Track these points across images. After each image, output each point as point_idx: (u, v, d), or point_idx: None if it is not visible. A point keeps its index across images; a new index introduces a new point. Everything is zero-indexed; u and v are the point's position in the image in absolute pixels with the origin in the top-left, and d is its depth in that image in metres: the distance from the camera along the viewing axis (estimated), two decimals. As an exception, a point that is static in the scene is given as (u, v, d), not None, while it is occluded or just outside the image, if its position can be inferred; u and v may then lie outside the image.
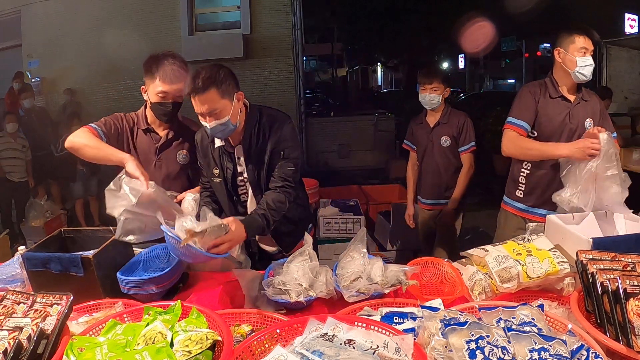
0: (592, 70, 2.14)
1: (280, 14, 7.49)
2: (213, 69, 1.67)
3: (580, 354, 1.03)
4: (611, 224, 1.83)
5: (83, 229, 1.89)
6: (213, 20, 7.67)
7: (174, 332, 1.12)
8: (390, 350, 0.99)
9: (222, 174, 1.88)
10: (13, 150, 5.28)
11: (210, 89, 1.64)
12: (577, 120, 2.16)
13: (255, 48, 7.39)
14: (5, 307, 1.20)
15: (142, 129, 2.03)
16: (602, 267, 1.27)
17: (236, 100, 1.72)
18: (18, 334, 1.05)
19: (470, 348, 1.01)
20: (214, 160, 1.88)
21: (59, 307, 1.18)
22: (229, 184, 1.89)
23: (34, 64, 7.64)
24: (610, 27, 8.90)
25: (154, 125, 2.03)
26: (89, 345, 1.12)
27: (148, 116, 2.04)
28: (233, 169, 1.87)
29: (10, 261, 1.78)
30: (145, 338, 1.11)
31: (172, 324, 1.18)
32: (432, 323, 1.10)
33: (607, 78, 7.95)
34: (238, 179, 1.89)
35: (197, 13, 7.56)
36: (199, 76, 1.64)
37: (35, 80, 7.58)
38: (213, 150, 1.88)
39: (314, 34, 21.06)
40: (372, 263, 1.61)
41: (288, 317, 1.38)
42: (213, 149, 1.88)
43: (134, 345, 1.10)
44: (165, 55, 1.94)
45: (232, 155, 1.86)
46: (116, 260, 1.65)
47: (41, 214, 5.26)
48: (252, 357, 1.09)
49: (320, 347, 0.97)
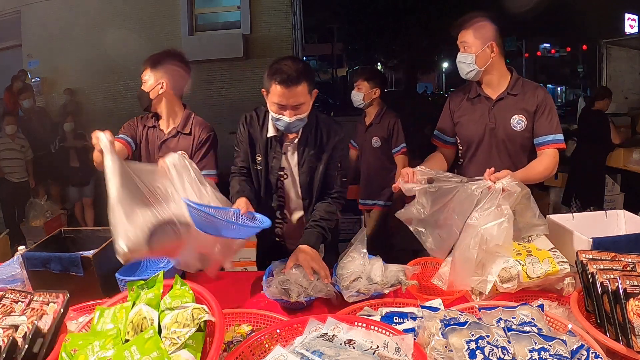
0: (462, 68, 1.94)
1: (280, 14, 7.48)
2: (303, 62, 1.68)
3: (580, 354, 1.03)
4: (611, 224, 1.83)
5: (83, 229, 1.89)
6: (213, 20, 7.65)
7: (160, 312, 1.08)
8: (390, 350, 0.99)
9: (264, 162, 1.84)
10: (11, 151, 5.28)
11: (303, 82, 1.62)
12: (499, 119, 1.94)
13: (255, 48, 7.38)
14: (4, 306, 1.20)
15: (149, 126, 2.11)
16: (602, 267, 1.27)
17: (312, 99, 1.72)
18: (12, 331, 1.05)
19: (470, 348, 1.01)
20: (260, 147, 1.84)
21: (55, 305, 1.18)
22: (270, 175, 1.85)
23: (34, 64, 7.63)
24: (610, 27, 8.90)
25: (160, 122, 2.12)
26: (81, 343, 1.09)
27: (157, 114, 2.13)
28: (277, 161, 1.83)
29: (10, 261, 1.78)
30: (133, 324, 1.07)
31: (157, 301, 1.13)
32: (432, 323, 1.10)
33: (607, 78, 7.94)
34: (279, 173, 1.86)
35: (197, 13, 7.55)
36: (289, 66, 1.61)
37: (35, 80, 7.58)
38: (262, 136, 1.83)
39: (314, 34, 21.06)
40: (372, 263, 1.61)
41: (288, 317, 1.37)
42: (262, 135, 1.83)
43: (124, 335, 1.08)
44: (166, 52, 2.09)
45: (280, 147, 1.83)
46: (116, 260, 1.64)
47: (41, 214, 5.26)
48: (252, 357, 1.09)
49: (320, 347, 0.97)
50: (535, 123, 1.91)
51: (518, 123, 1.91)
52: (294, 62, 1.64)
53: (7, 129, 5.21)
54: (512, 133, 1.92)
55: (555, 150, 1.89)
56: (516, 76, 1.97)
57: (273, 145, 1.82)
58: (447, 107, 2.10)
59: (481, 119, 1.97)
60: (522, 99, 1.92)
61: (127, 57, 6.30)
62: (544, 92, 1.96)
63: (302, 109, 1.67)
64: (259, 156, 1.84)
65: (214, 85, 7.54)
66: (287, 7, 7.50)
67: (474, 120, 1.99)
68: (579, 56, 18.56)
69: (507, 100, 1.94)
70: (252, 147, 1.86)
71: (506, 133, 1.93)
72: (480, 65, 1.90)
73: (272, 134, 1.81)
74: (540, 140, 1.91)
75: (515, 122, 1.91)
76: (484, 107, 1.97)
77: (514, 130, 1.92)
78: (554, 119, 1.91)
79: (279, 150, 1.83)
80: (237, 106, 7.45)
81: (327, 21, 19.42)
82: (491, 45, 1.89)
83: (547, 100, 1.92)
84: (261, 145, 1.83)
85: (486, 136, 1.97)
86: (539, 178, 1.87)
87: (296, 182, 1.86)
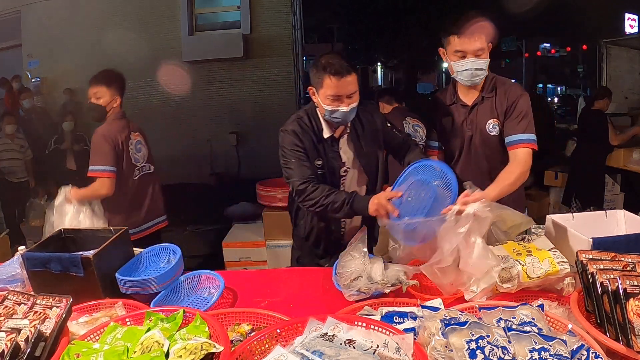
0: (475, 74, 1.82)
1: (280, 14, 7.47)
2: (343, 57, 1.76)
3: (580, 354, 1.03)
4: (611, 224, 1.83)
5: (83, 229, 1.89)
6: (213, 20, 7.65)
7: (172, 341, 1.11)
8: (391, 350, 0.99)
9: (326, 164, 1.87)
10: (11, 151, 5.28)
11: (353, 73, 1.74)
12: (475, 125, 1.91)
13: (255, 48, 7.38)
14: (7, 307, 1.20)
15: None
16: (602, 267, 1.27)
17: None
18: (16, 335, 1.05)
19: (471, 348, 1.01)
20: (317, 151, 1.85)
21: (58, 309, 1.18)
22: (334, 174, 1.88)
23: (34, 64, 7.62)
24: (610, 27, 8.89)
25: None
26: (86, 351, 1.11)
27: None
28: (338, 159, 1.88)
29: (10, 261, 1.78)
30: (143, 346, 1.10)
31: (172, 332, 1.17)
32: (433, 323, 1.10)
33: (607, 78, 7.94)
34: (342, 169, 1.90)
35: (197, 13, 7.55)
36: (338, 60, 1.72)
37: (35, 80, 7.57)
38: (316, 141, 1.85)
39: (314, 34, 21.06)
40: (372, 262, 1.61)
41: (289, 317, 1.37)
42: (316, 140, 1.85)
43: (132, 353, 1.10)
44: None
45: (336, 145, 1.89)
46: (116, 260, 1.65)
47: (41, 214, 5.24)
48: (252, 357, 1.09)
49: (320, 347, 0.97)
50: (504, 123, 1.88)
51: (493, 128, 1.90)
52: (338, 56, 1.76)
53: (6, 129, 5.20)
54: (488, 138, 1.91)
55: (524, 150, 1.82)
56: (491, 75, 1.92)
57: (329, 144, 1.87)
58: (430, 115, 2.10)
59: (459, 128, 1.96)
60: (494, 102, 1.90)
61: (127, 57, 6.31)
62: (518, 91, 1.91)
63: (354, 98, 1.76)
64: (319, 160, 1.86)
65: (214, 85, 7.54)
66: (287, 7, 7.50)
67: (452, 129, 1.98)
68: (579, 56, 18.56)
69: (482, 105, 1.92)
70: (312, 155, 1.86)
71: (483, 139, 1.92)
72: (487, 69, 1.88)
73: (328, 134, 1.86)
74: (508, 140, 1.86)
75: (491, 127, 1.90)
76: (461, 115, 1.96)
77: (490, 135, 1.90)
78: (525, 119, 1.84)
79: (334, 149, 1.88)
80: (237, 106, 7.46)
81: (327, 21, 19.43)
82: (489, 46, 1.86)
83: (519, 100, 1.86)
84: (320, 149, 1.86)
85: (465, 144, 1.96)
86: (514, 188, 1.79)
87: (357, 172, 1.93)
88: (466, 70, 1.83)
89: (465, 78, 1.85)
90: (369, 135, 1.91)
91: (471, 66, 1.82)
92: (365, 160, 1.92)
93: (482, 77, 1.87)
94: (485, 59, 1.83)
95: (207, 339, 1.11)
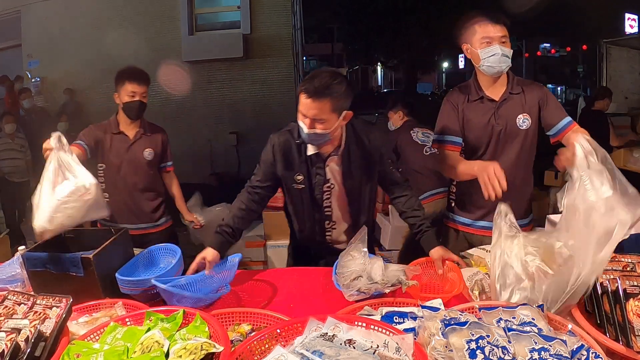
0: (502, 60, 1.84)
1: (280, 14, 7.47)
2: (336, 78, 1.63)
3: (581, 354, 1.03)
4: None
5: (83, 229, 1.89)
6: (213, 20, 7.65)
7: (172, 341, 1.12)
8: (391, 350, 0.99)
9: (306, 181, 1.82)
10: (11, 151, 5.27)
11: (326, 97, 1.59)
12: (505, 120, 1.92)
13: (255, 48, 7.38)
14: (7, 307, 1.20)
15: (114, 133, 2.49)
16: (602, 267, 1.27)
17: (342, 119, 1.68)
18: (16, 335, 1.05)
19: (471, 348, 1.01)
20: (299, 166, 1.82)
21: (58, 309, 1.18)
22: (315, 191, 1.84)
23: (34, 64, 7.63)
24: (610, 27, 8.90)
25: (125, 128, 2.51)
26: (86, 351, 1.12)
27: (120, 122, 2.51)
28: (323, 177, 1.82)
29: (10, 261, 1.78)
30: (143, 346, 1.10)
31: (172, 332, 1.18)
32: (433, 323, 1.10)
33: (607, 78, 7.95)
34: (325, 185, 1.84)
35: (197, 13, 7.55)
36: (320, 79, 1.60)
37: (35, 80, 7.58)
38: (300, 156, 1.81)
39: (314, 34, 21.08)
40: (372, 262, 1.61)
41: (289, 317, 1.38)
42: (300, 155, 1.80)
43: (132, 353, 1.10)
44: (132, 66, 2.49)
45: (322, 162, 1.81)
46: (116, 260, 1.65)
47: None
48: (252, 357, 1.09)
49: (320, 347, 0.97)
50: (543, 116, 1.90)
51: (523, 122, 1.91)
52: (329, 76, 1.62)
53: (6, 128, 5.20)
54: (518, 132, 1.92)
55: (576, 128, 1.84)
56: (512, 75, 1.96)
57: (314, 161, 1.80)
58: (452, 109, 2.02)
59: (487, 122, 1.95)
60: (524, 98, 1.92)
61: (127, 57, 6.29)
62: (540, 86, 1.98)
63: (323, 125, 1.63)
64: (300, 175, 1.82)
65: (214, 85, 7.54)
66: (287, 7, 7.50)
67: (480, 123, 1.96)
68: (579, 56, 18.57)
69: (511, 100, 1.93)
70: (288, 170, 1.82)
71: (513, 133, 1.93)
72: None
73: (312, 151, 1.78)
74: (559, 127, 1.87)
75: (521, 121, 1.91)
76: (489, 109, 1.95)
77: (520, 129, 1.92)
78: (559, 106, 1.92)
79: (320, 165, 1.81)
80: (237, 106, 7.46)
81: (327, 21, 19.46)
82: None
83: (546, 92, 1.94)
84: (301, 165, 1.81)
85: (493, 138, 1.95)
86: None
87: (343, 191, 1.85)
88: (494, 55, 1.84)
89: (493, 64, 1.85)
90: (362, 162, 1.82)
91: (499, 51, 1.83)
92: (350, 185, 1.84)
93: (507, 65, 1.87)
94: (510, 49, 1.87)
95: (207, 339, 1.11)
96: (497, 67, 1.85)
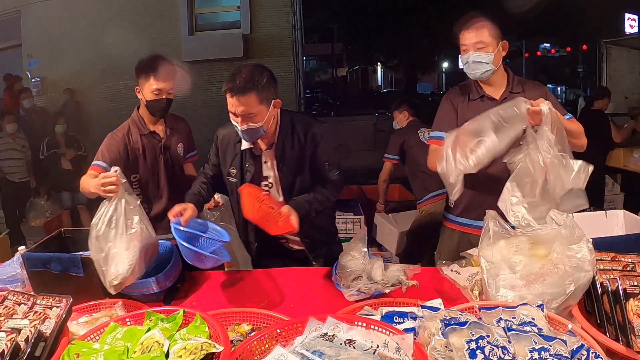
0: (474, 67, 1.85)
1: (280, 14, 7.48)
2: (256, 71, 1.64)
3: (580, 354, 1.03)
4: (611, 224, 1.83)
5: (83, 229, 1.89)
6: (213, 20, 7.66)
7: (172, 341, 1.12)
8: (391, 350, 0.99)
9: (239, 175, 1.84)
10: (12, 151, 5.28)
11: (250, 92, 1.60)
12: None
13: (255, 48, 7.38)
14: (7, 307, 1.20)
15: (145, 134, 2.12)
16: (602, 267, 1.28)
17: (272, 107, 1.68)
18: (16, 335, 1.05)
19: (471, 348, 1.01)
20: (233, 160, 1.84)
21: (58, 309, 1.18)
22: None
23: (34, 64, 7.63)
24: (610, 27, 8.90)
25: (153, 127, 2.16)
26: (86, 351, 1.12)
27: (145, 119, 2.14)
28: (255, 172, 1.82)
29: (10, 261, 1.78)
30: (143, 346, 1.10)
31: (172, 332, 1.18)
32: (433, 323, 1.10)
33: (607, 78, 7.95)
34: (262, 183, 1.85)
35: (197, 13, 7.55)
36: (240, 75, 1.61)
37: (35, 81, 7.58)
38: (235, 150, 1.83)
39: (314, 34, 21.08)
40: (372, 262, 1.61)
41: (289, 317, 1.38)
42: (235, 149, 1.83)
43: (132, 354, 1.10)
44: (156, 57, 2.08)
45: (258, 158, 1.82)
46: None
47: (41, 214, 5.26)
48: (252, 357, 1.09)
49: (320, 347, 0.97)
50: None
51: None
52: (249, 71, 1.63)
53: (7, 128, 5.20)
54: None
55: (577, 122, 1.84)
56: (513, 75, 1.96)
57: (247, 157, 1.82)
58: (450, 107, 2.02)
59: None
60: (525, 97, 1.90)
61: (127, 57, 6.29)
62: (540, 85, 1.98)
63: (254, 119, 1.64)
64: (233, 169, 1.84)
65: (214, 85, 7.53)
66: (287, 7, 7.51)
67: None
68: (579, 56, 18.56)
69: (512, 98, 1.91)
70: (224, 162, 1.88)
71: None
72: (496, 65, 1.87)
73: (245, 146, 1.80)
74: None
75: None
76: (489, 108, 1.94)
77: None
78: (558, 104, 1.90)
79: (252, 162, 1.82)
80: (237, 106, 7.46)
81: (327, 21, 19.46)
82: (504, 44, 1.88)
83: (546, 91, 1.94)
84: (235, 159, 1.83)
85: None
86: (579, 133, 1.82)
87: (279, 187, 1.84)
88: (467, 62, 1.87)
89: (468, 71, 1.88)
90: (295, 155, 1.80)
91: (470, 58, 1.85)
92: (285, 178, 1.82)
93: (485, 70, 1.86)
94: (487, 53, 1.84)
95: (207, 339, 1.11)
96: (472, 74, 1.88)
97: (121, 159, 2.02)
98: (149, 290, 1.56)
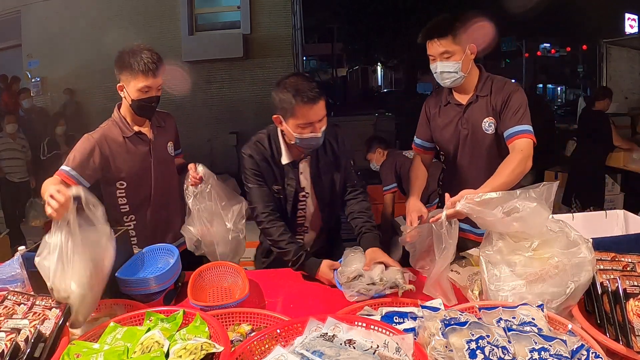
0: (441, 77, 1.84)
1: (280, 14, 7.49)
2: (310, 76, 1.78)
3: (581, 354, 1.03)
4: (611, 224, 1.83)
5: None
6: (213, 20, 7.67)
7: (172, 341, 1.12)
8: (391, 350, 0.99)
9: (282, 190, 1.84)
10: (12, 151, 5.28)
11: (323, 96, 1.67)
12: (471, 124, 1.88)
13: (255, 48, 7.39)
14: (6, 307, 1.20)
15: (129, 136, 1.92)
16: (602, 267, 1.28)
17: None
18: (15, 335, 1.05)
19: (471, 348, 1.01)
20: (275, 177, 1.83)
21: (58, 310, 1.18)
22: (290, 200, 1.85)
23: (34, 64, 7.64)
24: (610, 27, 8.89)
25: (138, 127, 1.95)
26: (86, 351, 1.12)
27: (128, 119, 1.94)
28: (296, 185, 1.83)
29: (10, 261, 1.78)
30: (143, 347, 1.10)
31: (172, 332, 1.18)
32: (433, 323, 1.10)
33: (607, 78, 7.95)
34: (300, 194, 1.86)
35: (197, 13, 7.56)
36: (312, 85, 1.65)
37: (35, 80, 7.58)
38: (275, 166, 1.82)
39: (314, 34, 21.09)
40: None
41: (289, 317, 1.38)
42: (275, 165, 1.82)
43: (132, 354, 1.10)
44: (141, 49, 1.89)
45: (296, 170, 1.83)
46: (116, 260, 1.64)
47: (41, 214, 5.25)
48: (252, 357, 1.09)
49: (320, 347, 0.97)
50: (500, 118, 1.84)
51: (489, 126, 1.86)
52: (305, 78, 1.69)
53: (7, 128, 5.21)
54: (484, 137, 1.88)
55: (524, 141, 1.73)
56: (485, 75, 1.91)
57: (287, 170, 1.82)
58: (424, 114, 2.05)
59: (454, 127, 1.93)
60: (490, 100, 1.87)
61: (127, 57, 6.30)
62: (513, 87, 1.87)
63: (324, 121, 1.70)
64: (277, 185, 1.84)
65: (214, 85, 7.55)
66: (287, 7, 7.51)
67: (447, 128, 1.95)
68: (579, 56, 18.56)
69: (477, 103, 1.89)
70: (270, 180, 1.83)
71: (479, 138, 1.89)
72: (465, 71, 1.83)
73: (287, 160, 1.80)
74: (506, 135, 1.80)
75: (487, 125, 1.86)
76: (456, 114, 1.93)
77: (485, 133, 1.87)
78: (519, 111, 1.79)
79: (292, 175, 1.83)
80: (237, 106, 7.46)
81: (327, 21, 19.44)
82: (472, 47, 1.83)
83: (513, 95, 1.82)
84: (277, 175, 1.83)
85: (461, 143, 1.93)
86: (515, 176, 1.68)
87: (314, 197, 1.88)
88: (435, 73, 1.85)
89: (439, 80, 1.87)
90: (329, 160, 1.86)
91: (437, 69, 1.83)
92: (319, 187, 1.86)
93: (454, 79, 1.84)
94: (455, 61, 1.80)
95: (207, 339, 1.11)
96: (443, 83, 1.87)
97: (94, 166, 1.81)
98: (148, 290, 1.55)
